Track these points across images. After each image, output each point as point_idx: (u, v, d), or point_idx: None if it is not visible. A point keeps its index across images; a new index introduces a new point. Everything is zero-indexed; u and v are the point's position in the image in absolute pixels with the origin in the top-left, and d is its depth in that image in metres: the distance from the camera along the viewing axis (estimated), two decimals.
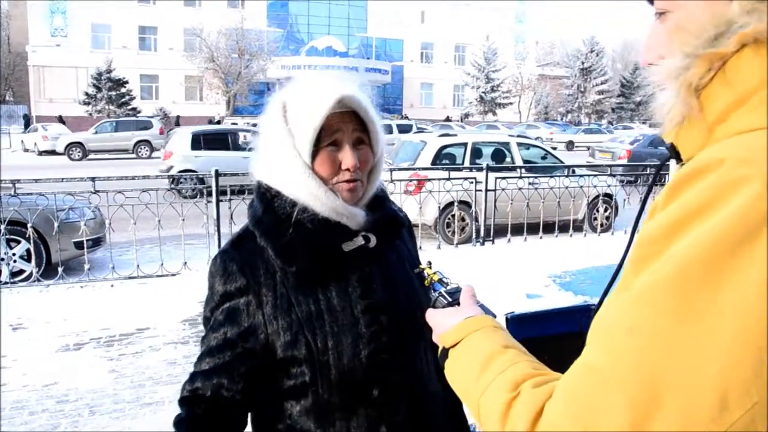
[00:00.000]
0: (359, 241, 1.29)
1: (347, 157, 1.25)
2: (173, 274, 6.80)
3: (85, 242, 6.74)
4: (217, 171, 7.01)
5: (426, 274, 1.23)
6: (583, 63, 54.36)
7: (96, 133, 28.14)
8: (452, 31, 55.59)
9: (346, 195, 1.27)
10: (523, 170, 9.43)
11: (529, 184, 8.94)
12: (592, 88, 54.37)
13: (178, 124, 38.04)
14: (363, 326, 1.26)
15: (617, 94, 57.54)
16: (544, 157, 11.11)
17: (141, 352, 4.84)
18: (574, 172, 9.93)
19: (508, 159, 10.38)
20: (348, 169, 1.25)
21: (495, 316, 1.15)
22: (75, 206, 6.95)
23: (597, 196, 9.84)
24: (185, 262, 6.88)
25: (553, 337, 2.57)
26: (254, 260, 1.27)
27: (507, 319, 2.51)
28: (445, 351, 0.99)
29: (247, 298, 1.25)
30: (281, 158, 1.25)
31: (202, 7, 46.63)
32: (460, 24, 55.23)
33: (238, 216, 7.06)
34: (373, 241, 1.30)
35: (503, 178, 8.78)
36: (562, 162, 10.87)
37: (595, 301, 2.50)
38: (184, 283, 6.48)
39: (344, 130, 1.25)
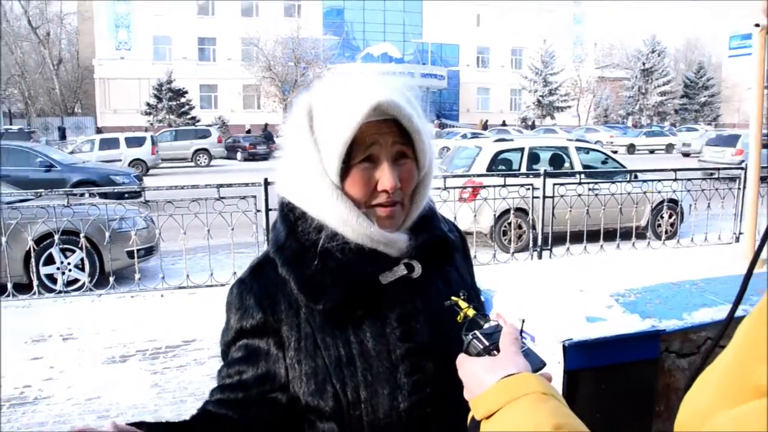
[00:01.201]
0: (400, 270, 1.08)
1: (385, 176, 1.03)
2: (222, 285, 6.73)
3: (135, 252, 6.75)
4: (266, 180, 6.93)
5: (458, 308, 1.01)
6: (644, 64, 52.93)
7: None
8: (508, 34, 54.87)
9: (384, 221, 1.06)
10: (582, 176, 9.04)
11: (589, 190, 8.56)
12: (653, 89, 52.85)
13: (248, 132, 38.71)
14: (403, 374, 1.05)
15: (680, 95, 55.79)
16: (604, 162, 10.68)
17: (186, 365, 4.75)
18: (636, 177, 9.49)
19: (566, 164, 10.00)
20: (386, 191, 1.04)
21: (544, 366, 0.93)
22: (126, 216, 6.97)
23: (661, 202, 9.36)
24: (234, 272, 6.81)
25: (615, 366, 2.32)
26: (275, 293, 1.08)
27: (564, 347, 2.28)
28: (476, 423, 0.78)
29: (266, 339, 1.07)
30: (305, 175, 1.06)
31: (259, 17, 47.41)
32: (516, 27, 54.46)
33: None
34: (418, 270, 1.09)
35: (561, 184, 8.41)
36: (623, 166, 10.41)
37: (665, 325, 2.23)
38: None
39: (382, 143, 1.04)
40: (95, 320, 5.74)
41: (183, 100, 40.51)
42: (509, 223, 8.62)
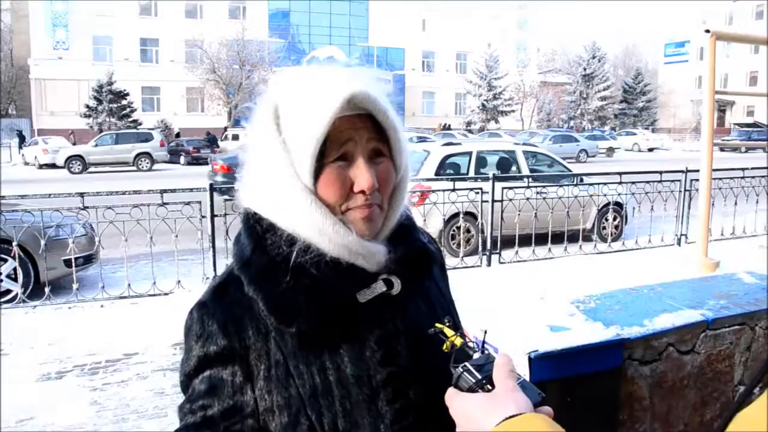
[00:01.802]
0: (379, 287, 0.96)
1: (362, 175, 0.92)
2: (166, 294, 6.48)
3: (73, 260, 6.43)
4: (211, 185, 6.72)
5: (444, 336, 0.91)
6: (585, 69, 54.30)
7: (96, 145, 28.02)
8: (453, 39, 55.46)
9: (362, 226, 0.95)
10: (530, 179, 9.10)
11: (536, 193, 8.62)
12: (594, 94, 54.24)
13: (178, 136, 38.04)
14: (384, 402, 0.94)
15: (620, 100, 57.43)
16: (550, 166, 10.81)
17: (127, 380, 4.52)
18: (582, 180, 9.62)
19: (513, 168, 10.07)
20: (363, 192, 0.93)
21: (543, 399, 0.83)
22: (63, 222, 6.63)
23: (607, 204, 9.52)
24: (179, 281, 6.57)
25: (580, 377, 2.27)
26: (241, 316, 0.95)
27: (530, 358, 2.21)
28: None
29: (232, 368, 0.93)
30: (274, 180, 0.94)
31: (203, 19, 46.65)
32: (461, 32, 55.09)
33: (233, 231, 6.77)
34: (397, 286, 0.98)
35: (510, 188, 8.44)
36: (569, 170, 10.56)
37: (627, 332, 2.18)
38: (177, 304, 6.15)
39: (356, 139, 0.93)
40: (29, 334, 5.41)
41: (124, 102, 39.51)
42: (458, 227, 8.60)
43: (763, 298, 2.94)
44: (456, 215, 8.38)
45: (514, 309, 2.49)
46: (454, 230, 8.82)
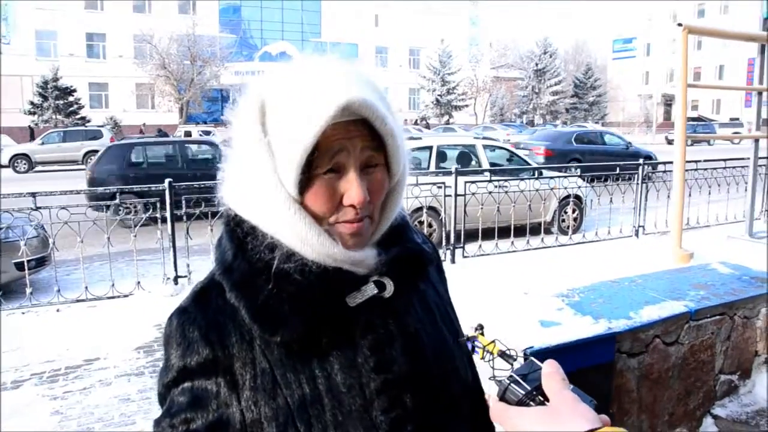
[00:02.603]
0: (370, 290, 0.89)
1: (353, 190, 0.85)
2: (125, 295, 6.27)
3: (26, 263, 6.16)
4: (170, 183, 6.52)
5: (479, 344, 0.84)
6: (536, 64, 55.07)
7: (42, 143, 27.05)
8: (406, 34, 55.55)
9: (349, 240, 0.88)
10: (490, 173, 9.13)
11: (497, 187, 8.65)
12: (546, 89, 55.08)
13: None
14: (379, 412, 0.87)
15: (571, 95, 58.44)
16: (509, 159, 10.88)
17: (90, 387, 4.33)
18: (541, 173, 9.70)
19: (473, 162, 10.10)
20: (353, 206, 0.86)
21: (596, 406, 0.77)
22: (14, 224, 6.34)
23: (567, 197, 9.64)
24: (138, 282, 6.36)
25: (577, 372, 2.23)
26: (223, 323, 0.88)
27: (526, 355, 2.17)
28: None
29: (216, 379, 0.85)
30: (256, 185, 0.86)
31: (152, 13, 45.58)
32: (414, 27, 55.22)
33: (194, 230, 6.60)
34: (390, 288, 0.91)
35: (473, 182, 8.45)
36: (528, 164, 10.64)
37: (615, 325, 2.16)
38: (138, 306, 5.98)
39: (349, 149, 0.85)
40: None
41: (71, 98, 38.28)
42: (420, 222, 8.56)
43: (740, 288, 2.98)
44: (419, 210, 8.34)
45: (500, 304, 2.45)
46: (416, 225, 8.75)
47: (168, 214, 6.48)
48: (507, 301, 2.50)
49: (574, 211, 10.02)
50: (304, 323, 0.85)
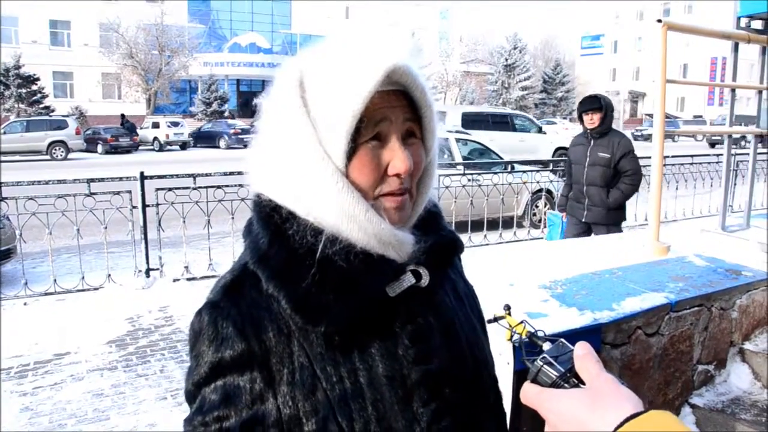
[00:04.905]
0: (408, 280, 0.87)
1: (398, 158, 0.83)
2: (95, 288, 6.15)
3: None
4: (142, 173, 6.40)
5: (507, 325, 0.82)
6: (506, 60, 55.36)
7: (5, 133, 26.39)
8: (376, 27, 55.43)
9: (394, 215, 0.86)
10: (463, 167, 9.16)
11: (469, 180, 8.68)
12: (515, 84, 55.42)
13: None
14: (419, 403, 0.86)
15: (540, 90, 58.94)
16: (482, 154, 10.93)
17: (61, 382, 4.23)
18: (513, 167, 9.78)
19: (446, 156, 10.12)
20: (398, 175, 0.84)
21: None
22: None
23: (539, 191, 9.73)
24: (109, 274, 6.24)
25: None
26: (259, 316, 0.84)
27: (515, 346, 2.17)
28: None
29: (250, 374, 0.82)
30: (299, 161, 0.83)
31: (118, 1, 44.67)
32: (384, 20, 55.09)
33: (167, 221, 6.49)
34: (426, 278, 0.89)
35: (446, 175, 8.47)
36: (501, 157, 10.71)
37: (599, 316, 2.17)
38: (109, 299, 5.86)
39: (391, 118, 0.84)
40: None
41: (34, 87, 37.30)
42: None
43: (716, 280, 3.03)
44: None
45: (485, 296, 2.45)
46: None
47: (140, 206, 6.37)
48: (492, 292, 2.50)
49: (545, 205, 10.12)
50: (349, 312, 0.83)
